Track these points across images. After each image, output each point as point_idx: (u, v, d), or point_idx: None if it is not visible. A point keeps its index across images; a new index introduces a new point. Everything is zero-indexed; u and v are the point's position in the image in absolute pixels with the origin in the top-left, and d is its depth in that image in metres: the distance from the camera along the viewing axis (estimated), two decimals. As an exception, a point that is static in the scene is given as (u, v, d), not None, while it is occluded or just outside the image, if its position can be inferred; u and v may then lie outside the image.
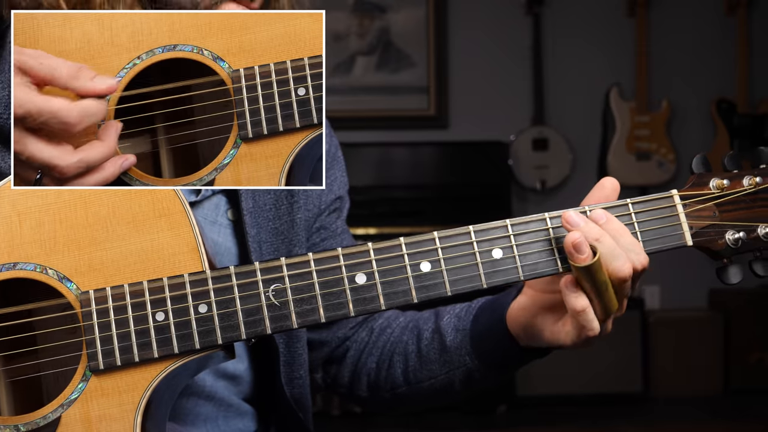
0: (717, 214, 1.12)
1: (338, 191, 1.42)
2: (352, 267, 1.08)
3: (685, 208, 1.12)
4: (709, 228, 1.12)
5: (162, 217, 1.08)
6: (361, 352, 1.40)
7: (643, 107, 5.28)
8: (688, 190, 1.13)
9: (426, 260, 1.08)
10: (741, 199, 1.13)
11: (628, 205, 1.12)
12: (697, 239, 1.12)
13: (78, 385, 1.05)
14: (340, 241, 1.41)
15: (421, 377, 1.32)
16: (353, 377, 1.40)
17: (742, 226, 1.12)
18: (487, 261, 1.09)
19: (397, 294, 1.08)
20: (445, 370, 1.29)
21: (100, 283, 1.06)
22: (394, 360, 1.34)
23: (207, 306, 1.06)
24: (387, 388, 1.36)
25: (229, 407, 1.30)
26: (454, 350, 1.27)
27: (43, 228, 1.07)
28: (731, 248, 1.12)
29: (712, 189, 1.13)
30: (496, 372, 1.26)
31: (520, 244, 1.10)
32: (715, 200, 1.13)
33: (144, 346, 1.05)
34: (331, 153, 1.41)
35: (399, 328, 1.37)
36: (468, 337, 1.26)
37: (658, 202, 1.12)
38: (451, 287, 1.08)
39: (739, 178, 1.13)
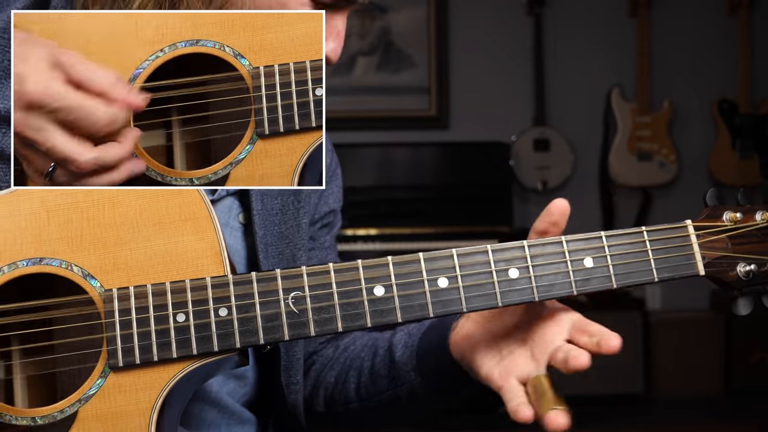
0: (729, 246, 1.15)
1: (333, 204, 1.45)
2: (371, 279, 1.09)
3: (699, 239, 1.14)
4: (721, 259, 1.14)
5: (188, 220, 1.09)
6: (323, 366, 1.43)
7: (645, 108, 5.29)
8: (702, 221, 1.16)
9: (443, 276, 1.10)
10: (753, 233, 1.15)
11: (643, 232, 1.14)
12: (710, 269, 1.14)
13: (97, 381, 1.05)
14: (325, 255, 1.44)
15: (371, 392, 1.35)
16: (313, 391, 1.43)
17: (754, 259, 1.14)
18: (503, 280, 1.11)
19: (414, 308, 1.09)
20: (392, 386, 1.32)
21: (123, 282, 1.07)
22: (349, 375, 1.38)
23: (227, 310, 1.07)
24: (340, 403, 1.39)
25: (232, 414, 1.31)
26: (401, 366, 1.30)
27: (71, 225, 1.08)
28: (742, 280, 1.14)
29: (725, 221, 1.15)
30: (440, 393, 1.28)
31: (537, 265, 1.11)
32: (728, 232, 1.15)
33: (164, 345, 1.06)
34: (332, 168, 1.44)
35: (360, 345, 1.40)
36: (414, 353, 1.29)
37: (673, 231, 1.15)
38: (467, 304, 1.10)
39: (752, 213, 1.16)
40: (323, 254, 1.44)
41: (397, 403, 1.32)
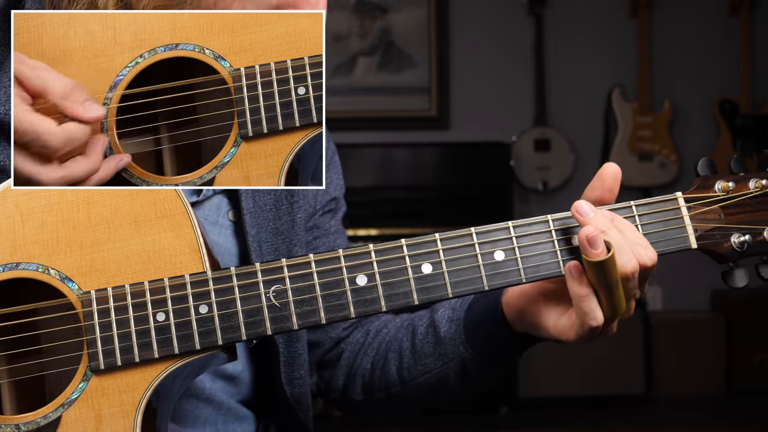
0: (722, 217, 1.11)
1: (334, 193, 1.42)
2: (353, 268, 1.08)
3: (690, 211, 1.11)
4: (714, 231, 1.11)
5: (164, 217, 1.08)
6: (356, 354, 1.38)
7: (646, 108, 5.28)
8: (692, 193, 1.12)
9: (427, 262, 1.08)
10: (747, 202, 1.12)
11: (632, 207, 1.11)
12: (702, 242, 1.11)
13: (79, 385, 1.05)
14: (333, 240, 1.41)
15: (415, 373, 1.30)
16: (348, 380, 1.39)
17: (748, 229, 1.11)
18: (488, 263, 1.09)
19: (398, 296, 1.08)
20: (439, 364, 1.27)
21: (101, 284, 1.06)
22: (389, 358, 1.33)
23: (208, 306, 1.06)
24: (381, 388, 1.35)
25: (228, 411, 1.29)
26: (448, 341, 1.26)
27: (46, 228, 1.07)
28: (737, 251, 1.11)
29: (717, 192, 1.12)
30: (492, 362, 1.24)
31: (523, 246, 1.10)
32: (720, 203, 1.12)
33: (144, 346, 1.05)
34: (328, 156, 1.41)
35: (395, 328, 1.36)
36: (462, 326, 1.25)
37: (663, 204, 1.12)
38: (453, 289, 1.08)
39: (745, 181, 1.12)
40: (330, 240, 1.40)
41: (445, 382, 1.28)
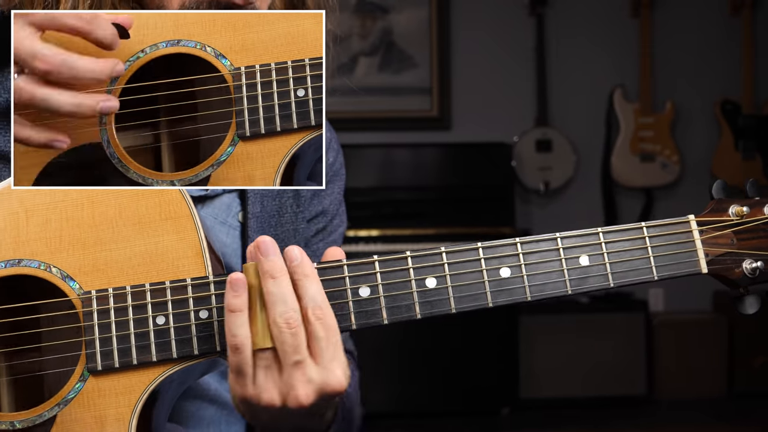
0: (735, 242, 1.09)
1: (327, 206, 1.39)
2: (356, 279, 1.06)
3: (702, 234, 1.09)
4: (725, 256, 1.09)
5: (168, 220, 1.07)
6: None
7: (647, 108, 5.27)
8: (706, 216, 1.10)
9: (432, 276, 1.06)
10: (761, 228, 1.09)
11: (643, 228, 1.09)
12: (713, 267, 1.09)
13: (75, 385, 1.04)
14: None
15: None
16: None
17: (761, 255, 1.09)
18: (494, 279, 1.07)
19: (401, 308, 1.06)
20: None
21: (103, 284, 1.06)
22: None
23: (208, 312, 1.05)
24: None
25: (232, 411, 1.29)
26: None
27: (50, 226, 1.07)
28: (748, 278, 1.09)
29: (731, 216, 1.09)
30: None
31: (529, 263, 1.08)
32: (733, 227, 1.09)
33: (143, 349, 1.04)
34: (334, 168, 1.40)
35: None
36: None
37: (674, 227, 1.10)
38: (456, 304, 1.06)
39: (760, 206, 1.10)
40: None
41: None
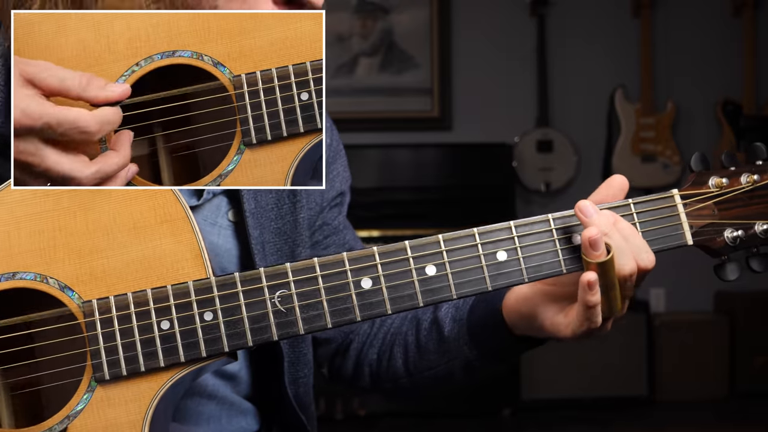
0: (716, 212, 1.14)
1: (340, 187, 1.41)
2: (358, 272, 1.08)
3: (686, 208, 1.13)
4: (708, 227, 1.13)
5: (164, 223, 1.06)
6: (362, 344, 1.41)
7: (648, 109, 5.26)
8: (687, 189, 1.14)
9: (431, 263, 1.09)
10: (739, 197, 1.14)
11: (630, 205, 1.12)
12: (697, 238, 1.13)
13: (84, 396, 1.04)
14: (343, 237, 1.41)
15: (421, 368, 1.33)
16: (356, 369, 1.41)
17: (740, 224, 1.13)
18: (491, 263, 1.10)
19: (403, 298, 1.08)
20: (444, 360, 1.30)
21: (102, 292, 1.05)
22: (395, 351, 1.36)
23: (212, 314, 1.05)
24: (388, 379, 1.37)
25: (231, 405, 1.29)
26: (452, 341, 1.28)
27: (43, 236, 1.05)
28: (730, 246, 1.14)
29: (711, 187, 1.14)
30: (496, 361, 1.27)
31: (524, 245, 1.10)
32: (714, 199, 1.14)
33: (150, 355, 1.04)
34: (333, 147, 1.40)
35: (399, 318, 1.38)
36: (465, 327, 1.27)
37: (659, 202, 1.13)
38: (457, 290, 1.09)
39: (737, 176, 1.14)
40: (340, 238, 1.40)
41: (451, 376, 1.31)
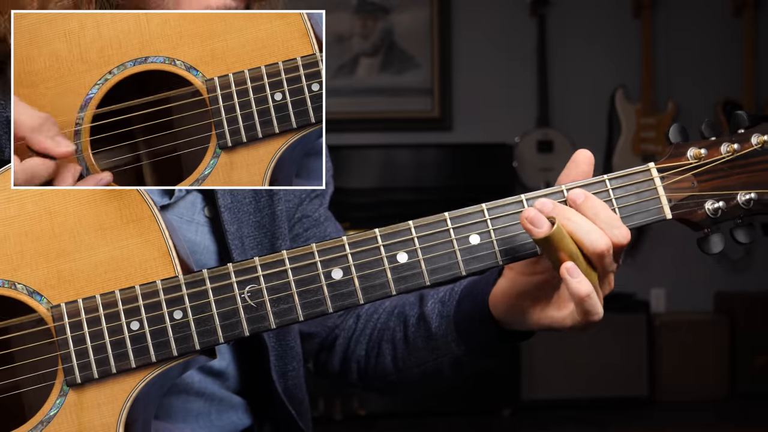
0: (696, 184, 1.09)
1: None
2: (328, 262, 1.06)
3: (663, 181, 1.09)
4: (687, 199, 1.09)
5: (130, 223, 1.06)
6: (349, 339, 1.39)
7: (649, 109, 5.26)
8: (665, 162, 1.10)
9: (403, 251, 1.06)
10: (719, 168, 1.09)
11: (605, 181, 1.09)
12: (677, 212, 1.09)
13: (56, 401, 1.03)
14: (324, 230, 1.40)
15: (410, 364, 1.31)
16: (343, 365, 1.40)
17: (721, 195, 1.09)
18: (464, 247, 1.07)
19: (375, 287, 1.06)
20: (433, 357, 1.28)
21: (71, 296, 1.05)
22: (383, 348, 1.34)
23: (182, 312, 1.05)
24: (377, 376, 1.36)
25: (220, 401, 1.28)
26: (440, 337, 1.27)
27: (8, 242, 1.05)
28: (711, 218, 1.09)
29: (689, 159, 1.10)
30: (484, 355, 1.26)
31: (498, 228, 1.07)
32: (692, 170, 1.10)
33: (121, 356, 1.04)
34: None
35: (385, 314, 1.36)
36: (452, 323, 1.25)
37: (636, 176, 1.09)
38: (430, 277, 1.07)
39: (717, 146, 1.10)
40: (321, 230, 1.39)
41: (440, 372, 1.29)
